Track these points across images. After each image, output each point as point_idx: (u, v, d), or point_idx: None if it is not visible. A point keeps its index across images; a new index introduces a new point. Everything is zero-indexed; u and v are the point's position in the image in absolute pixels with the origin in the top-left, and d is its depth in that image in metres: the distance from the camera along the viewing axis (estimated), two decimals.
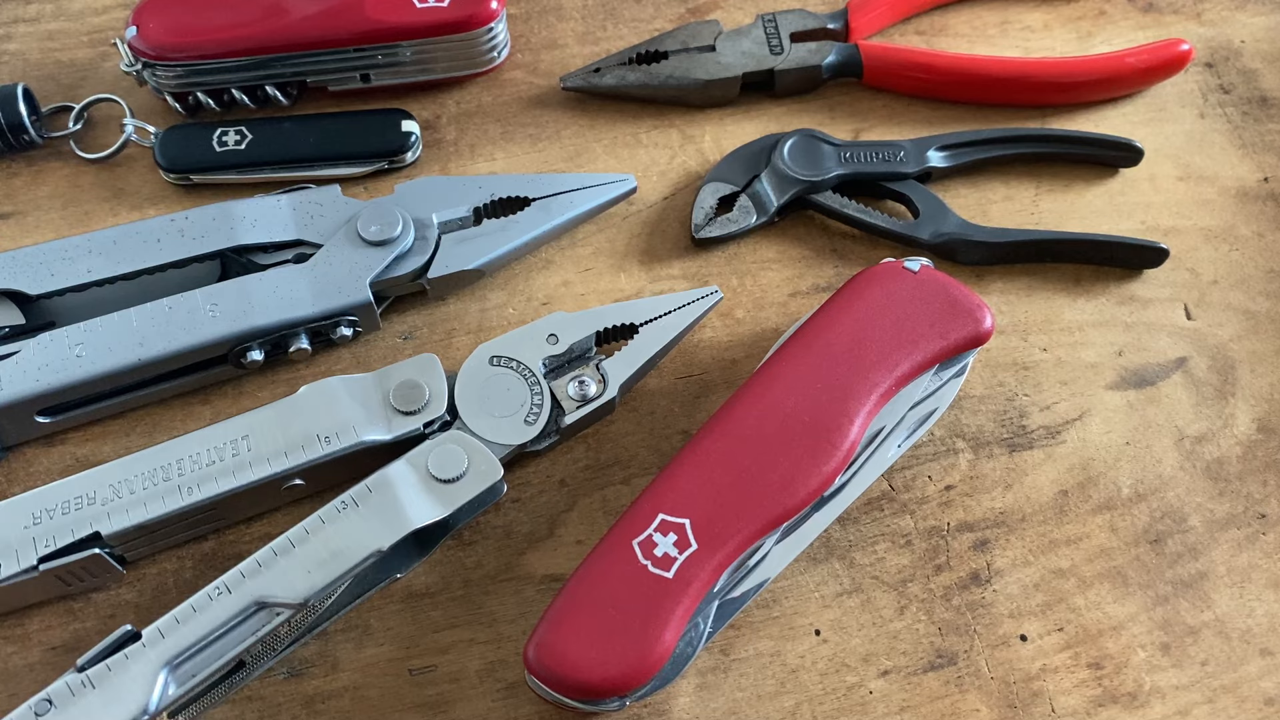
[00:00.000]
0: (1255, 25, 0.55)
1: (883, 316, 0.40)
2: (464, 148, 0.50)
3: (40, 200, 0.48)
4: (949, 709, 0.38)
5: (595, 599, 0.35)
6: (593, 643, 0.34)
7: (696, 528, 0.36)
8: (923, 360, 0.39)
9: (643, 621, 0.34)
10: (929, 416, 0.41)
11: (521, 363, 0.41)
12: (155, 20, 0.47)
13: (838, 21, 0.52)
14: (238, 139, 0.48)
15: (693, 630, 0.36)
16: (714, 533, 0.36)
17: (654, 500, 0.36)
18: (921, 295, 0.40)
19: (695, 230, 0.47)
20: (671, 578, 0.35)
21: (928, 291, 0.40)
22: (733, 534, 0.36)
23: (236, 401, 0.43)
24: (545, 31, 0.54)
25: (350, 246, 0.43)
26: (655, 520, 0.36)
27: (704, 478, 0.37)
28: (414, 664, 0.38)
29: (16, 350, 0.40)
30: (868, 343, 0.39)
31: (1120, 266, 0.47)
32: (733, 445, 0.37)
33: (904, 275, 0.41)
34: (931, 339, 0.39)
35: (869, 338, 0.39)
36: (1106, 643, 0.39)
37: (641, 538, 0.36)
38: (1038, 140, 0.49)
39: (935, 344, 0.39)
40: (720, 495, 0.36)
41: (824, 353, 0.39)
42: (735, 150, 0.49)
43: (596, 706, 0.35)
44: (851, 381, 0.38)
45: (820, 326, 0.40)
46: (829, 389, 0.38)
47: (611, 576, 0.35)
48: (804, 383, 0.38)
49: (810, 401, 0.38)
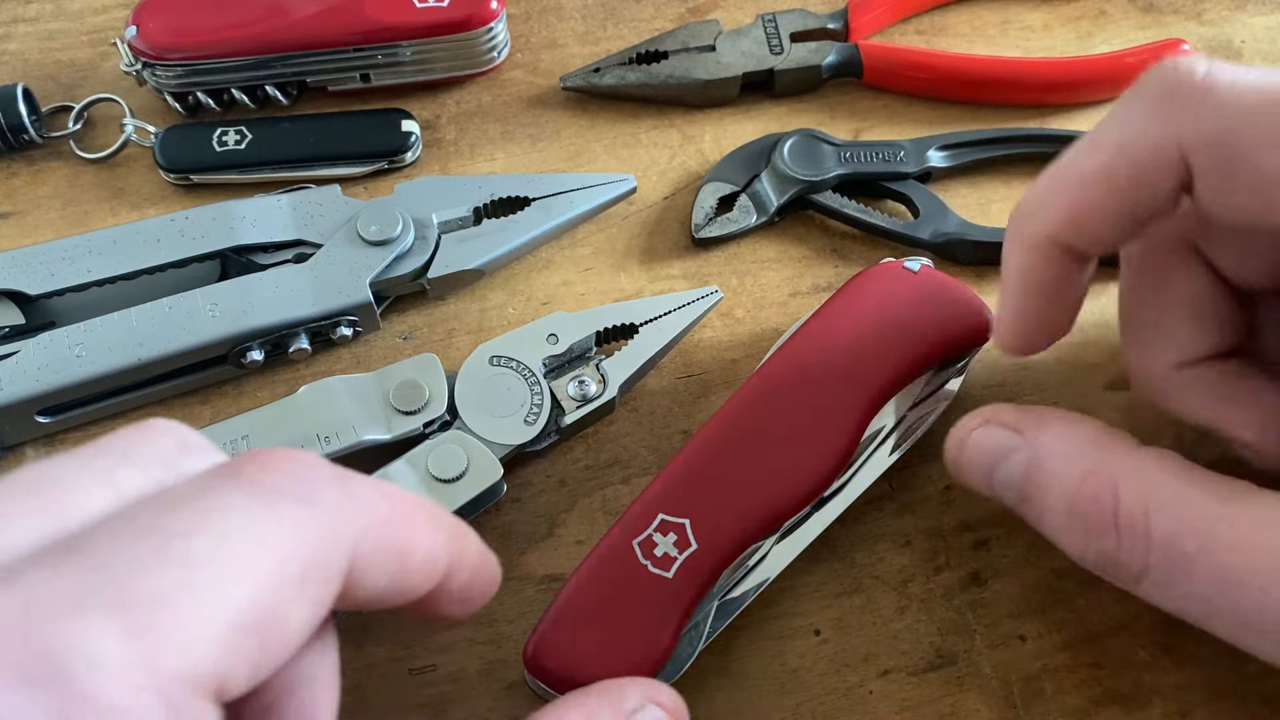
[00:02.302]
0: (1255, 25, 0.55)
1: (882, 316, 0.39)
2: (464, 148, 0.50)
3: (40, 200, 0.48)
4: (949, 709, 0.38)
5: (595, 599, 0.35)
6: (592, 642, 0.34)
7: (696, 528, 0.36)
8: (922, 359, 0.39)
9: (642, 621, 0.34)
10: (929, 416, 0.41)
11: (521, 363, 0.41)
12: (155, 20, 0.47)
13: (838, 21, 0.52)
14: (238, 139, 0.48)
15: (692, 630, 0.36)
16: (714, 533, 0.36)
17: (654, 500, 0.36)
18: (921, 295, 0.40)
19: (695, 230, 0.47)
20: (671, 577, 0.35)
21: (928, 291, 0.40)
22: (732, 534, 0.36)
23: (236, 401, 0.43)
24: (545, 31, 0.54)
25: (350, 246, 0.43)
26: (655, 520, 0.36)
27: (704, 478, 0.37)
28: (414, 664, 0.38)
29: (16, 350, 0.40)
30: (867, 342, 0.39)
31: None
32: (733, 445, 0.37)
33: (904, 275, 0.40)
34: (931, 338, 0.39)
35: (868, 337, 0.39)
36: (1106, 643, 0.39)
37: (641, 538, 0.36)
38: (1038, 140, 0.49)
39: (935, 343, 0.39)
40: (720, 495, 0.36)
41: (823, 352, 0.39)
42: (735, 150, 0.49)
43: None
44: (850, 381, 0.38)
45: (820, 326, 0.40)
46: (828, 389, 0.38)
47: (611, 576, 0.35)
48: (803, 382, 0.38)
49: (809, 401, 0.38)
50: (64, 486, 0.22)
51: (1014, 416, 0.35)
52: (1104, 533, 0.31)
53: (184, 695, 0.19)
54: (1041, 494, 0.33)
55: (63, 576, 0.19)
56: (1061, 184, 0.32)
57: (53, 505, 0.21)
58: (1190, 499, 0.30)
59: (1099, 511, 0.31)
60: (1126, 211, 0.31)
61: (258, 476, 0.23)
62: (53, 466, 0.22)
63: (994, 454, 0.34)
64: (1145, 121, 0.30)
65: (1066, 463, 0.33)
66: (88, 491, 0.22)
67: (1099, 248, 0.33)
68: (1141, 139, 0.30)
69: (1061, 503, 0.32)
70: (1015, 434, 0.34)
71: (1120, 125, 0.31)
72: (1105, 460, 0.32)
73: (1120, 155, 0.31)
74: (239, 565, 0.21)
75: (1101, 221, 0.32)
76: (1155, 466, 0.32)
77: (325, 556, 0.23)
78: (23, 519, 0.21)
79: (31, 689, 0.17)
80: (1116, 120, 0.31)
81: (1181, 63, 0.30)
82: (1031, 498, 0.34)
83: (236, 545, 0.21)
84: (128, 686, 0.18)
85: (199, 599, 0.20)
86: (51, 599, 0.19)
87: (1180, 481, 0.31)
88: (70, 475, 0.22)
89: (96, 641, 0.18)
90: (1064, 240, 0.32)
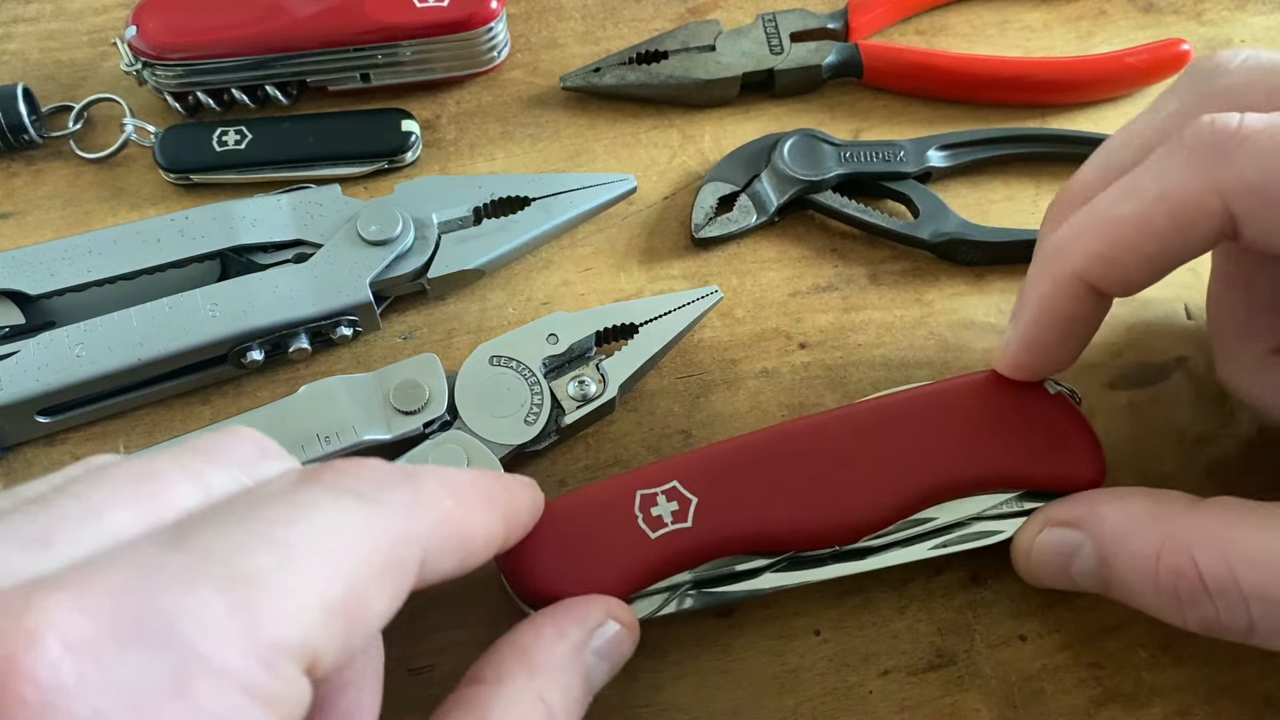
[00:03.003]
0: (1255, 25, 0.55)
1: (994, 415, 0.38)
2: (464, 148, 0.50)
3: (40, 200, 0.48)
4: (949, 709, 0.38)
5: (577, 521, 0.35)
6: (559, 559, 0.35)
7: (700, 510, 0.35)
8: (1010, 479, 0.37)
9: (605, 563, 0.35)
10: (987, 535, 0.38)
11: (521, 363, 0.41)
12: (155, 20, 0.47)
13: (838, 21, 0.52)
14: (238, 139, 0.48)
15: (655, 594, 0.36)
16: (713, 524, 0.35)
17: (677, 466, 0.36)
18: (1044, 416, 0.38)
19: (695, 230, 0.47)
20: (652, 539, 0.35)
21: (1052, 416, 0.38)
22: (729, 535, 0.36)
23: (236, 401, 0.43)
24: (545, 31, 0.54)
25: (350, 246, 0.43)
26: (668, 483, 0.36)
27: (734, 471, 0.36)
28: (414, 664, 0.38)
29: (16, 350, 0.40)
30: (967, 432, 0.37)
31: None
32: (779, 457, 0.37)
33: (1037, 391, 0.38)
34: (1028, 462, 0.37)
35: (968, 429, 0.37)
36: (1106, 643, 0.39)
37: (647, 491, 0.36)
38: (1038, 140, 0.49)
39: (1032, 470, 0.37)
40: (739, 494, 0.36)
41: (917, 420, 0.37)
42: (735, 150, 0.49)
43: None
44: (926, 459, 0.37)
45: (930, 395, 0.38)
46: (900, 455, 0.37)
47: (602, 509, 0.36)
48: (881, 437, 0.37)
49: (876, 457, 0.37)
50: (161, 480, 0.24)
51: (1067, 512, 0.36)
52: (1198, 602, 0.32)
53: (283, 662, 0.21)
54: (1123, 580, 0.34)
55: (176, 556, 0.21)
56: (1096, 225, 0.33)
57: (152, 496, 0.23)
58: (1268, 544, 0.31)
59: (1186, 585, 0.32)
60: (1160, 255, 0.32)
61: (337, 481, 0.25)
62: (150, 462, 0.24)
63: (1063, 555, 0.35)
64: (1185, 173, 0.31)
65: (1134, 544, 0.33)
66: (180, 486, 0.24)
67: (1123, 289, 0.34)
68: (1183, 189, 0.31)
69: (1146, 584, 0.33)
70: (1075, 530, 0.35)
71: (1159, 176, 0.32)
72: (1171, 530, 0.33)
73: (1159, 203, 0.32)
74: (330, 553, 0.23)
75: (1133, 264, 0.33)
76: (1220, 520, 0.32)
77: (401, 551, 0.25)
78: (126, 507, 0.23)
79: (155, 649, 0.20)
80: (1154, 171, 0.32)
81: (1218, 118, 0.31)
82: (1114, 584, 0.34)
83: (327, 536, 0.23)
84: (236, 652, 0.20)
85: (296, 579, 0.22)
86: (168, 574, 0.21)
87: (1250, 527, 0.31)
88: (166, 470, 0.24)
89: (209, 611, 0.20)
90: (1091, 278, 0.34)
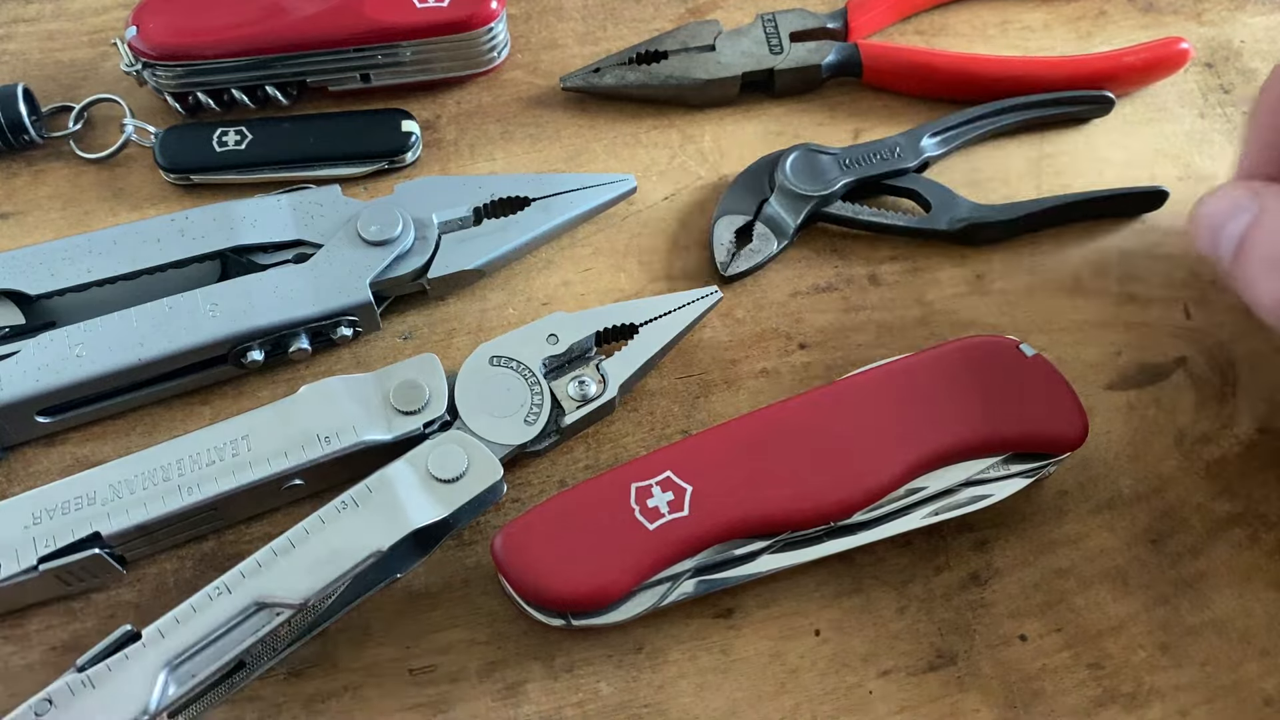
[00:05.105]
0: (1255, 25, 0.55)
1: (975, 382, 0.38)
2: (464, 148, 0.50)
3: (40, 200, 0.48)
4: (949, 709, 0.38)
5: (574, 517, 0.35)
6: (554, 554, 0.35)
7: (696, 498, 0.36)
8: (998, 442, 0.38)
9: (606, 558, 0.35)
10: (978, 500, 0.39)
11: (521, 363, 0.41)
12: (155, 20, 0.47)
13: (837, 21, 0.52)
14: (238, 139, 0.48)
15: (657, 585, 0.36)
16: (710, 510, 0.36)
17: (669, 455, 0.36)
18: (1024, 380, 0.39)
19: (722, 269, 0.46)
20: (650, 530, 0.35)
21: (1032, 380, 0.39)
22: (727, 520, 0.36)
23: (236, 401, 0.43)
24: (545, 31, 0.54)
25: (350, 246, 0.43)
26: (662, 474, 0.36)
27: (727, 457, 0.36)
28: (414, 664, 0.38)
29: (16, 350, 0.40)
30: (949, 401, 0.38)
31: (1125, 216, 0.48)
32: (769, 440, 0.37)
33: (1014, 354, 0.39)
34: (1013, 425, 0.38)
35: (952, 397, 0.38)
36: (1106, 643, 0.39)
37: (642, 484, 0.36)
38: (1023, 108, 0.50)
39: (1014, 431, 0.38)
40: (734, 480, 0.36)
41: (900, 392, 0.38)
42: (735, 180, 0.48)
43: (542, 614, 0.36)
44: (913, 429, 0.37)
45: (908, 367, 0.39)
46: (889, 428, 0.37)
47: (598, 504, 0.36)
48: (867, 411, 0.37)
49: (864, 431, 0.37)
50: None
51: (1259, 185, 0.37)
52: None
53: None
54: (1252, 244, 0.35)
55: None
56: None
57: None
58: None
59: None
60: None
61: None
62: None
63: (1227, 212, 0.36)
64: None
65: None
66: None
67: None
68: None
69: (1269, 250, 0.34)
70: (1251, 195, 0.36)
71: None
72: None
73: None
74: None
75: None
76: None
77: None
78: None
79: None
80: None
81: None
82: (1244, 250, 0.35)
83: None
84: None
85: None
86: None
87: None
88: None
89: None
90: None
